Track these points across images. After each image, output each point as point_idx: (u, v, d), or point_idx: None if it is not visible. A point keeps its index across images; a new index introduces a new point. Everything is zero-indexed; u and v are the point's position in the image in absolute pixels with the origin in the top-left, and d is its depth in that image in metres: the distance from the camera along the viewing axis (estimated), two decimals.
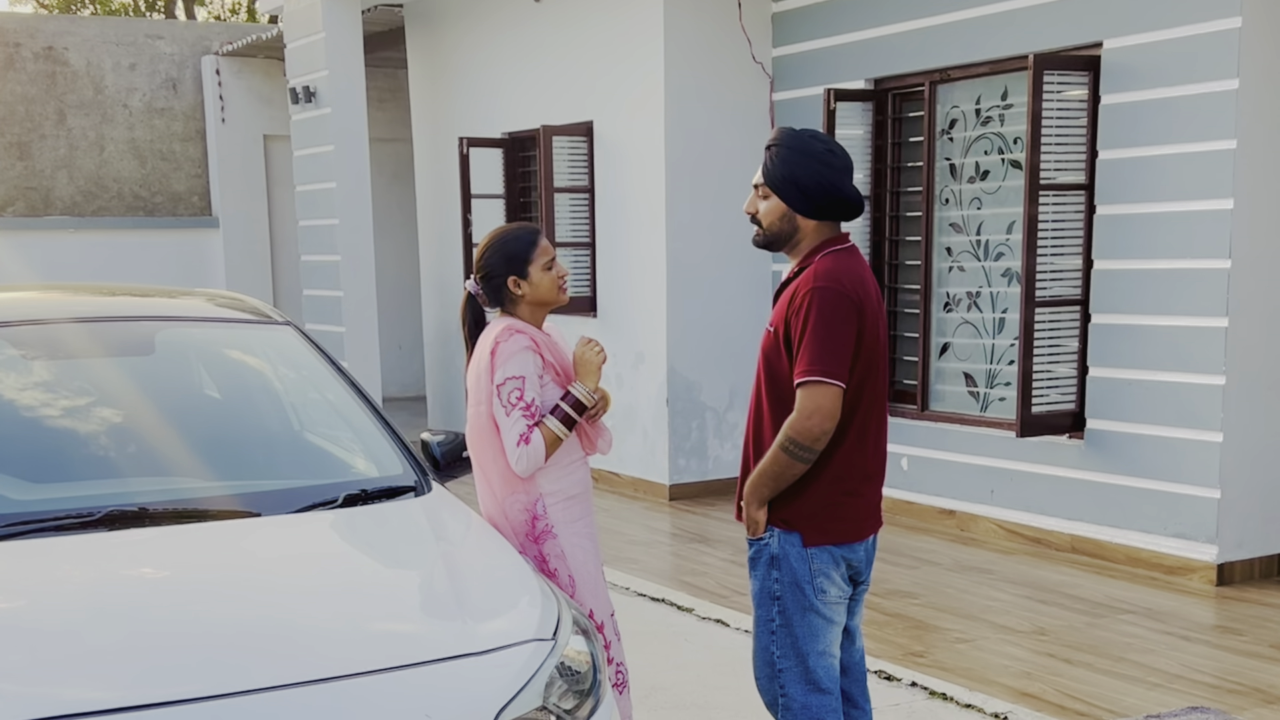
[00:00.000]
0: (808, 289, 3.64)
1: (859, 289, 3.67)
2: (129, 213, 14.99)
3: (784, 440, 3.66)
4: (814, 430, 3.61)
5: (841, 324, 3.61)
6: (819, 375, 3.59)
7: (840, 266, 3.69)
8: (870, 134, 8.70)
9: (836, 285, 3.63)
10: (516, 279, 4.19)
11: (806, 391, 3.61)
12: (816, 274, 3.67)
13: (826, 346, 3.59)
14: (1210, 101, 6.82)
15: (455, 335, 11.89)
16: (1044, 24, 7.56)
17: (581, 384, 4.16)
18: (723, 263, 9.43)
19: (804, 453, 3.64)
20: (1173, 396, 7.12)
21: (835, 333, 3.60)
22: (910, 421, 8.56)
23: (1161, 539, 7.23)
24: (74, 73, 14.67)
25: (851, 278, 3.68)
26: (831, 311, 3.60)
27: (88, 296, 5.01)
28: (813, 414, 3.60)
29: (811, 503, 3.74)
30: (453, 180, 11.41)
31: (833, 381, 3.59)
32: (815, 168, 3.73)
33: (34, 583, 3.33)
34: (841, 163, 3.77)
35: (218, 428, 4.36)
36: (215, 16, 29.30)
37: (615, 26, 9.61)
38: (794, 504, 3.75)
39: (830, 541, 3.76)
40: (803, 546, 3.75)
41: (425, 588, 3.55)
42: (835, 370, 3.59)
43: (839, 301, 3.61)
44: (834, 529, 3.77)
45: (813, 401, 3.60)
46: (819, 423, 3.60)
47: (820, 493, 3.74)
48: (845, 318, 3.62)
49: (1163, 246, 7.10)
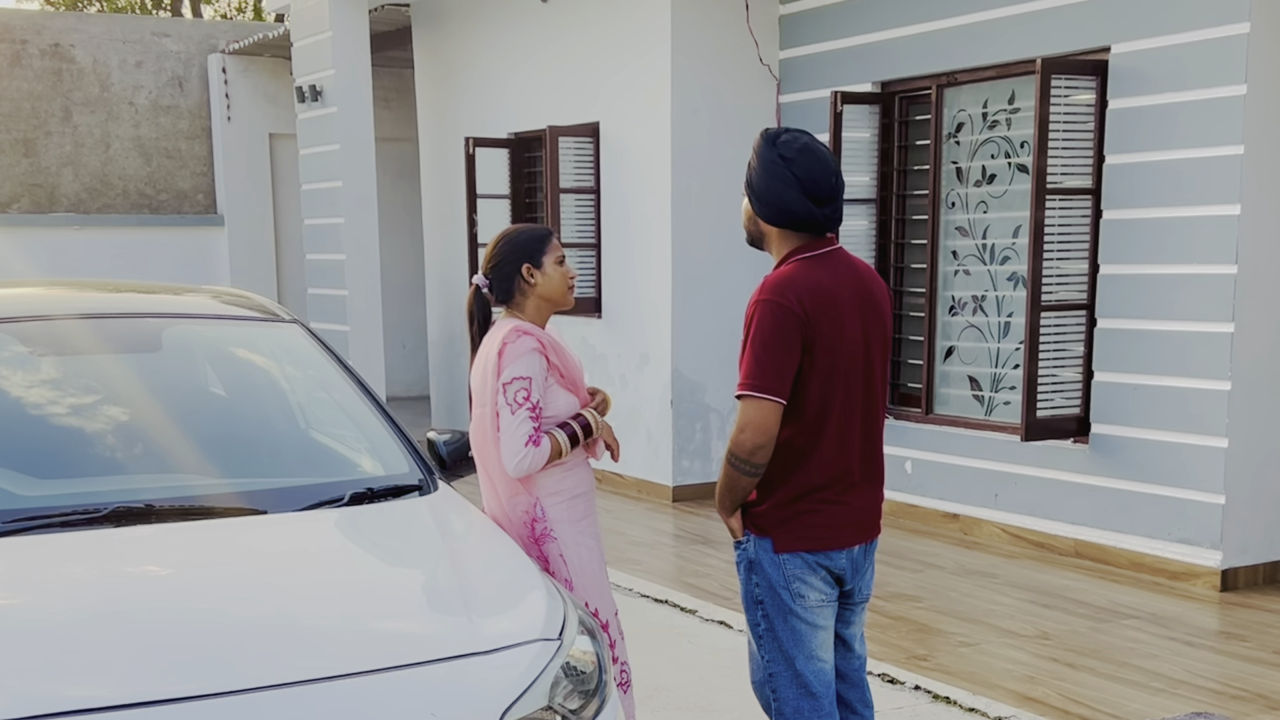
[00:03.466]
0: (753, 301, 3.63)
1: (809, 300, 3.58)
2: (134, 210, 15.00)
3: (727, 454, 3.66)
4: (747, 444, 3.59)
5: (779, 338, 3.56)
6: (752, 389, 3.56)
7: (792, 277, 3.63)
8: (877, 137, 8.70)
9: (779, 298, 3.57)
10: (530, 267, 4.19)
11: (742, 406, 3.60)
12: (763, 286, 3.64)
13: (760, 361, 3.56)
14: (1218, 107, 6.82)
15: (459, 335, 11.89)
16: (1052, 28, 7.56)
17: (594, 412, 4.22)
18: (728, 265, 9.43)
19: (745, 466, 3.63)
20: (1178, 402, 7.11)
21: (771, 347, 3.56)
22: (914, 425, 8.56)
23: (1166, 544, 7.23)
24: (80, 70, 14.68)
25: (802, 289, 3.59)
26: (770, 326, 3.56)
27: (94, 293, 5.01)
28: (745, 428, 3.58)
29: (781, 510, 3.71)
30: (458, 180, 11.42)
31: (766, 396, 3.55)
32: (767, 179, 3.67)
33: (39, 579, 3.33)
34: (795, 174, 3.63)
35: (224, 425, 4.37)
36: (222, 15, 29.32)
37: (622, 28, 9.61)
38: (764, 510, 3.73)
39: (801, 548, 3.71)
40: (774, 552, 3.73)
41: (430, 587, 3.56)
42: (768, 385, 3.55)
43: (778, 314, 3.56)
44: (805, 535, 3.72)
45: (746, 416, 3.58)
46: (751, 437, 3.58)
47: (789, 501, 3.70)
48: (785, 332, 3.56)
49: (1169, 251, 7.10)
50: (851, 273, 3.74)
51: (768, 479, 3.69)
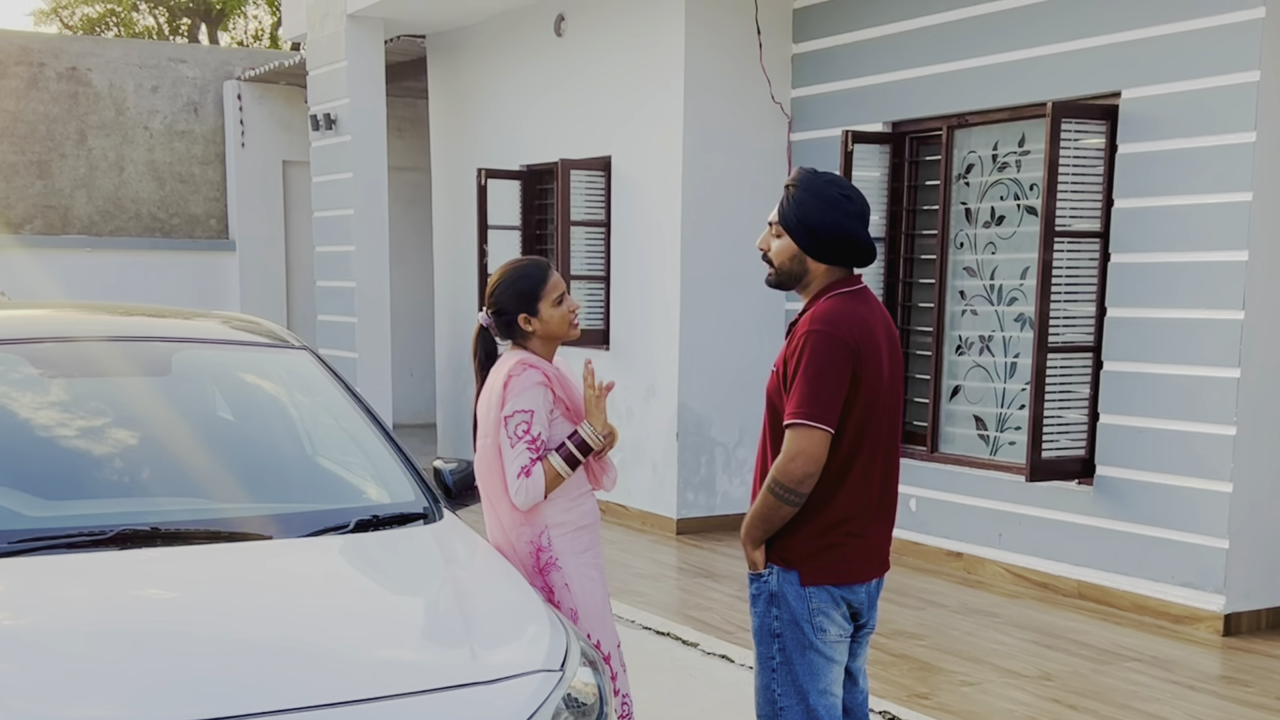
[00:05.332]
0: (804, 331, 3.67)
1: (858, 332, 3.67)
2: (146, 233, 15.08)
3: (770, 482, 3.68)
4: (796, 473, 3.62)
5: (833, 368, 3.61)
6: (805, 418, 3.60)
7: (841, 309, 3.70)
8: (887, 176, 8.74)
9: (832, 329, 3.63)
10: (527, 316, 4.23)
11: (792, 434, 3.63)
12: (814, 317, 3.68)
13: (815, 390, 3.60)
14: (1227, 153, 6.85)
15: (466, 363, 11.87)
16: (1063, 72, 7.60)
17: (589, 424, 4.19)
18: (736, 299, 9.46)
19: (789, 495, 3.65)
20: (1183, 445, 7.12)
21: (826, 376, 3.60)
22: (919, 463, 8.56)
23: (1169, 587, 7.22)
24: (96, 94, 14.78)
25: (852, 321, 3.68)
26: (824, 355, 3.61)
27: (105, 316, 5.03)
28: (796, 456, 3.61)
29: (811, 542, 3.74)
30: (470, 210, 11.47)
31: (819, 425, 3.59)
32: (828, 212, 3.74)
33: (45, 600, 3.34)
34: (855, 209, 3.77)
35: (232, 450, 4.38)
36: (238, 42, 29.51)
37: (636, 63, 9.68)
38: (793, 543, 3.75)
39: (829, 581, 3.76)
40: (800, 585, 3.75)
41: (433, 615, 3.56)
42: (822, 414, 3.60)
43: (832, 345, 3.61)
44: (833, 569, 3.76)
45: (797, 444, 3.61)
46: (802, 465, 3.61)
47: (819, 532, 3.73)
48: (838, 362, 3.62)
49: (1176, 296, 7.12)
50: (880, 309, 3.86)
51: (798, 511, 3.72)
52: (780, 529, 3.75)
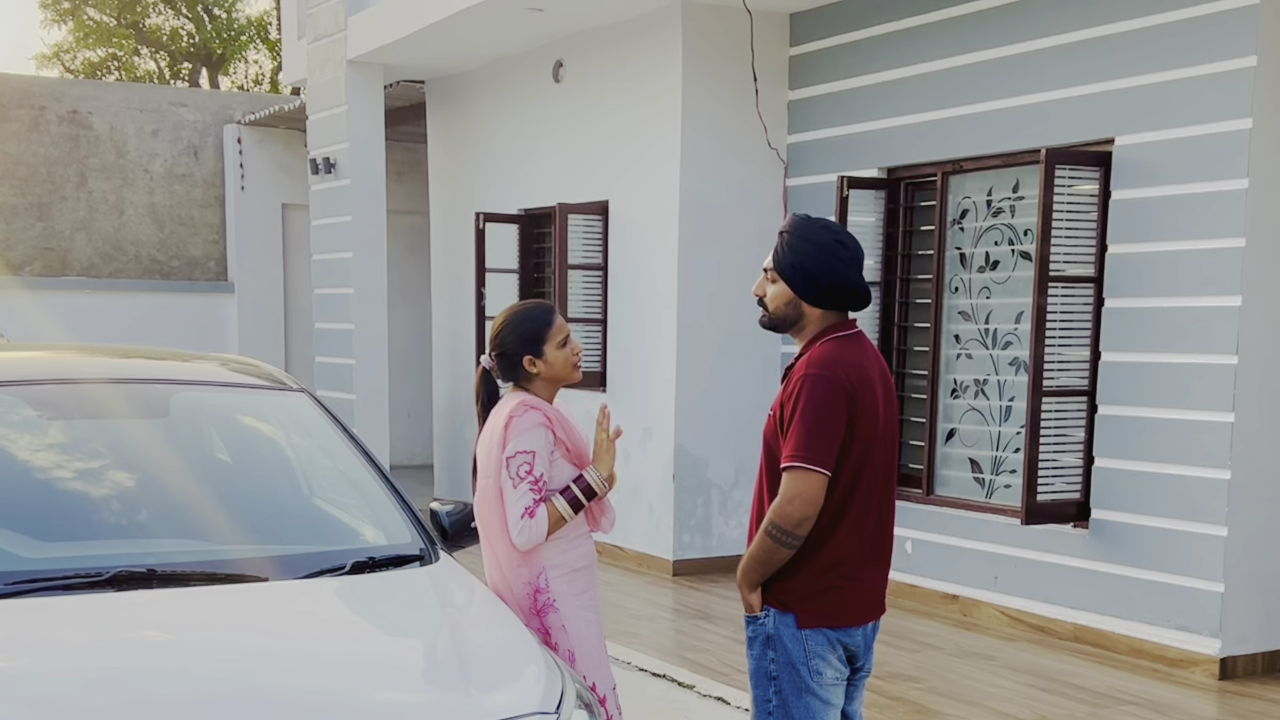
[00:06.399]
0: (800, 375, 3.69)
1: (854, 376, 3.70)
2: (145, 275, 15.13)
3: (768, 524, 3.69)
4: (794, 515, 3.63)
5: (830, 411, 3.64)
6: (802, 461, 3.62)
7: (837, 353, 3.73)
8: (882, 221, 8.79)
9: (828, 373, 3.66)
10: (532, 358, 4.26)
11: (789, 477, 3.65)
12: (810, 360, 3.71)
13: (813, 433, 3.62)
14: (1220, 199, 6.90)
15: (464, 405, 11.94)
16: (1056, 119, 7.67)
17: (596, 469, 4.22)
18: (732, 342, 9.50)
19: (786, 537, 3.67)
20: (1178, 489, 7.13)
21: (823, 420, 3.63)
22: (915, 505, 8.57)
23: (1164, 631, 7.22)
24: (97, 137, 14.86)
25: (848, 365, 3.71)
26: (821, 398, 3.63)
27: (104, 358, 5.06)
28: (793, 499, 3.63)
29: (807, 585, 3.75)
30: (468, 253, 11.52)
31: (816, 468, 3.61)
32: (823, 258, 3.77)
33: (39, 642, 3.34)
34: (850, 254, 3.80)
35: (229, 492, 4.40)
36: (239, 86, 29.67)
37: (634, 109, 9.75)
38: (790, 585, 3.76)
39: (825, 624, 3.77)
40: (797, 628, 3.76)
41: (430, 658, 3.57)
42: (819, 457, 3.62)
43: (829, 389, 3.64)
44: (830, 612, 3.78)
45: (794, 487, 3.63)
46: (799, 508, 3.63)
47: (816, 575, 3.75)
48: (834, 405, 3.64)
49: (1170, 340, 7.15)
50: (875, 353, 3.89)
51: (794, 553, 3.73)
52: (777, 571, 3.76)
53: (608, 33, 9.97)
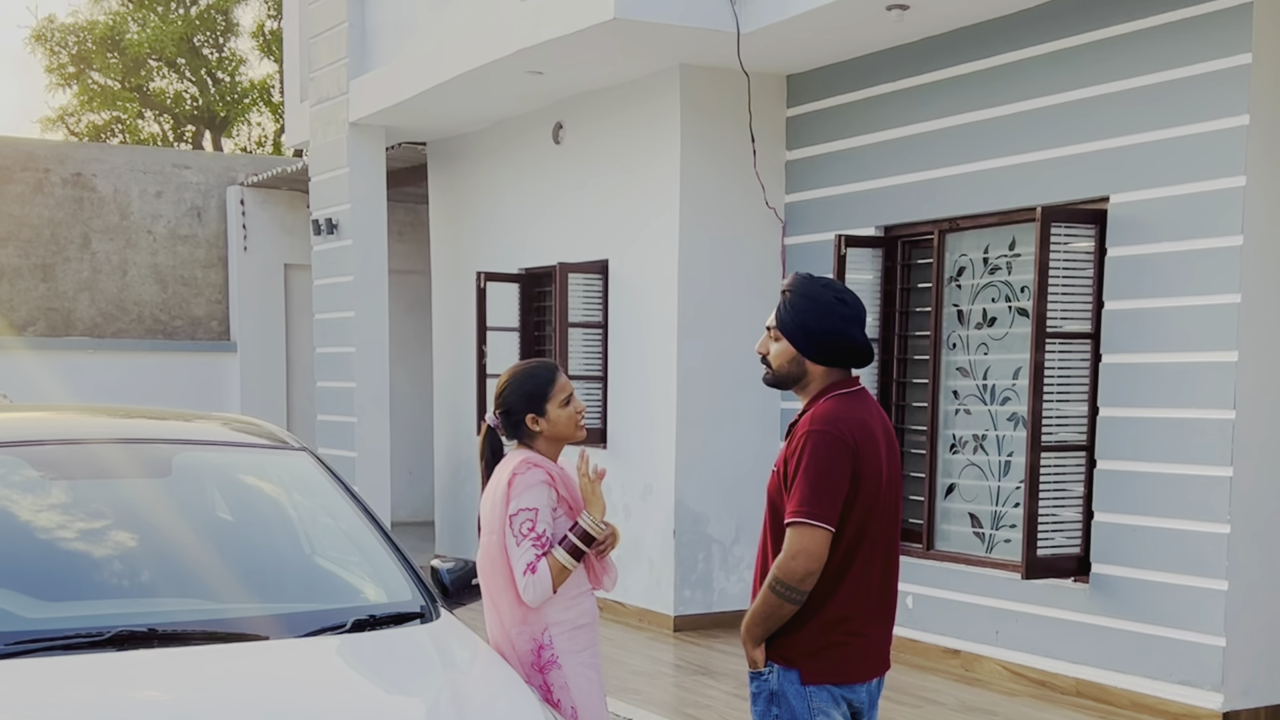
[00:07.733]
0: (804, 432, 3.73)
1: (858, 432, 3.73)
2: (148, 335, 15.19)
3: (772, 580, 3.71)
4: (798, 571, 3.65)
5: (833, 467, 3.67)
6: (806, 517, 3.64)
7: (840, 410, 3.76)
8: (880, 279, 8.84)
9: (832, 429, 3.69)
10: (534, 416, 4.30)
11: (793, 532, 3.67)
12: (814, 417, 3.74)
13: (816, 489, 3.65)
14: (1215, 256, 6.95)
15: (465, 462, 11.96)
16: (1052, 178, 7.73)
17: (589, 514, 4.24)
18: (732, 398, 9.53)
19: (790, 593, 3.68)
20: (1178, 543, 7.14)
21: (827, 476, 3.66)
22: (916, 560, 8.56)
23: (1166, 685, 7.20)
24: (101, 199, 14.98)
25: (851, 421, 3.74)
26: (825, 455, 3.66)
27: (106, 418, 5.09)
28: (797, 554, 3.65)
29: (812, 640, 3.76)
30: (469, 312, 11.58)
31: (820, 524, 3.64)
32: (825, 316, 3.81)
33: (39, 703, 3.35)
34: (851, 312, 3.84)
35: (230, 551, 4.42)
36: (242, 148, 29.87)
37: (633, 170, 9.83)
38: (794, 641, 3.77)
39: (830, 680, 3.78)
40: (801, 684, 3.77)
41: (430, 717, 3.57)
42: (823, 513, 3.64)
43: (833, 445, 3.67)
44: (834, 668, 3.79)
45: (798, 543, 3.65)
46: (803, 564, 3.65)
47: (821, 631, 3.76)
48: (838, 461, 3.67)
49: (1168, 395, 7.18)
50: (878, 409, 3.93)
51: (799, 609, 3.74)
52: (781, 627, 3.78)
53: (607, 95, 10.08)
